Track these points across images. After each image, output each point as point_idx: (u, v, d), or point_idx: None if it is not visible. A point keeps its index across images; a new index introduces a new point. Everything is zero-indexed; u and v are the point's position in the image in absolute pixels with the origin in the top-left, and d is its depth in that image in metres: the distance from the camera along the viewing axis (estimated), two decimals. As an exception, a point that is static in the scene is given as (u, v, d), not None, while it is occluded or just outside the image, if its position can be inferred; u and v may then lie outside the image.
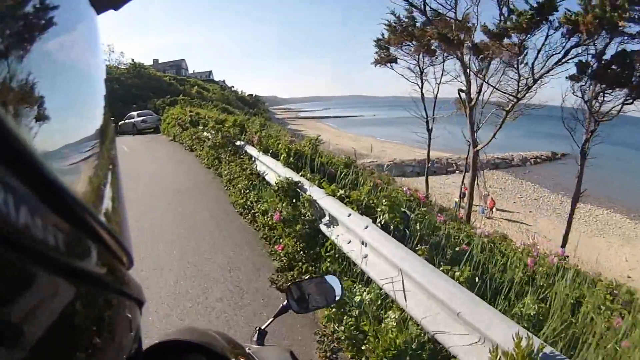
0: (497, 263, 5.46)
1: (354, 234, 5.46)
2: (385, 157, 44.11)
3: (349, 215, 5.74)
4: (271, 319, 1.93)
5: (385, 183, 9.50)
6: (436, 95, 28.84)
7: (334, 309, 4.74)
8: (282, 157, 9.46)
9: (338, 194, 6.70)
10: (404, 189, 8.92)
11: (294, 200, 7.40)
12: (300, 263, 6.31)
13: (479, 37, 21.89)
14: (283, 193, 7.62)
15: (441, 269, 4.33)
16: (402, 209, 5.76)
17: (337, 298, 2.07)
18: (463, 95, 23.94)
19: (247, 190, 9.63)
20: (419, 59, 27.77)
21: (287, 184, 7.61)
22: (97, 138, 0.60)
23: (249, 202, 9.16)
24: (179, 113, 25.50)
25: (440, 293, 3.76)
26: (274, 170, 9.24)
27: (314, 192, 7.02)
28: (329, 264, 5.87)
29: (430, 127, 29.23)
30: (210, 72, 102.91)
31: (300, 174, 8.23)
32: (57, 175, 0.39)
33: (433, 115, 29.07)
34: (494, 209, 30.71)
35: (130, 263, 0.69)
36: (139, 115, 32.24)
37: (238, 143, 12.89)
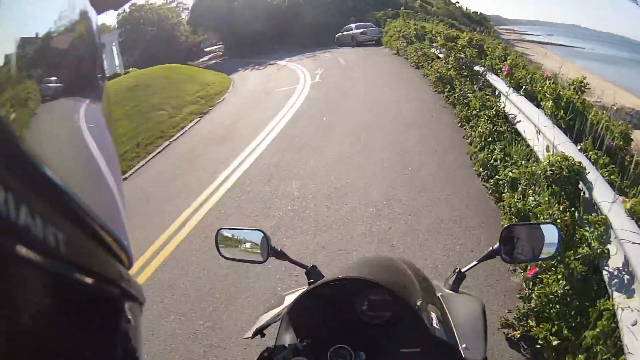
0: None
1: None
2: (607, 101, 39.76)
3: None
4: (474, 263, 1.81)
5: None
6: None
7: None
8: (546, 106, 6.71)
9: None
10: None
11: (573, 203, 4.82)
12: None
13: None
14: (560, 186, 4.96)
15: None
16: None
17: (552, 252, 1.82)
18: None
19: (490, 140, 7.49)
20: None
21: (567, 169, 4.83)
22: (100, 139, 0.61)
23: (492, 161, 6.84)
24: (402, 26, 23.99)
25: None
26: (532, 123, 6.74)
27: (606, 202, 4.17)
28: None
29: None
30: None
31: (579, 146, 5.56)
32: (57, 175, 0.40)
33: None
34: None
35: (130, 263, 0.67)
36: (357, 28, 31.23)
37: (477, 68, 10.44)
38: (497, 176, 6.40)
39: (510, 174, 6.11)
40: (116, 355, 0.57)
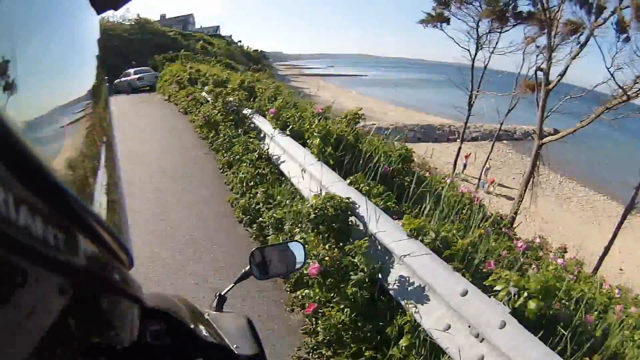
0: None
1: (478, 330, 3.33)
2: (387, 120, 43.48)
3: (465, 293, 3.57)
4: (232, 285, 1.92)
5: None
6: (486, 65, 27.05)
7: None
8: (314, 144, 6.45)
9: (429, 238, 4.28)
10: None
11: (341, 240, 4.85)
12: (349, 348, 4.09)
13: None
14: (326, 225, 4.86)
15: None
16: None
17: (298, 266, 2.06)
18: (540, 74, 20.81)
19: (252, 184, 7.25)
20: (478, 22, 26.08)
21: (332, 208, 4.78)
22: (97, 141, 0.62)
23: (254, 205, 6.69)
24: (177, 69, 23.74)
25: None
26: (297, 162, 6.62)
27: (382, 229, 4.49)
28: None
29: (472, 102, 27.16)
30: (218, 27, 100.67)
31: (348, 180, 5.59)
32: (57, 176, 0.39)
33: (478, 87, 27.14)
34: (494, 184, 29.79)
35: (130, 263, 0.70)
36: (135, 73, 29.78)
37: (245, 111, 10.25)
38: (260, 219, 6.33)
39: (274, 215, 6.04)
40: (116, 353, 0.61)
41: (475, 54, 26.61)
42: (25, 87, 0.37)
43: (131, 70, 30.22)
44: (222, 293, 1.87)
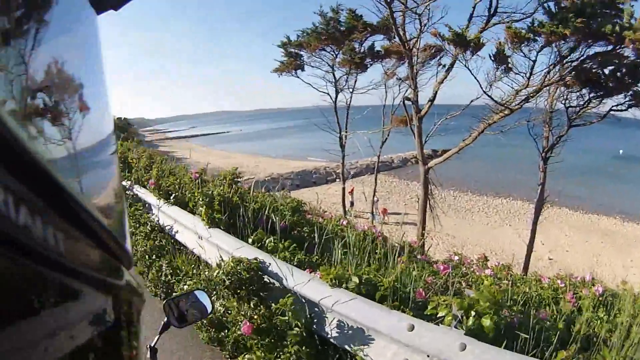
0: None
1: (440, 358, 3.33)
2: (261, 172, 43.05)
3: (411, 328, 3.55)
4: (157, 336, 2.07)
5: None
6: (349, 105, 27.06)
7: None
8: (202, 212, 6.26)
9: (352, 284, 4.20)
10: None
11: (260, 302, 4.76)
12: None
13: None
14: (244, 289, 4.73)
15: None
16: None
17: (209, 311, 2.23)
18: (408, 103, 20.54)
19: (154, 257, 6.99)
20: (333, 66, 25.93)
21: (245, 271, 4.65)
22: (97, 141, 0.63)
23: (163, 278, 6.44)
24: None
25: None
26: (192, 230, 6.44)
27: (300, 283, 4.44)
28: None
29: (343, 142, 27.12)
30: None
31: (250, 239, 5.53)
32: (57, 176, 0.40)
33: (346, 127, 27.20)
34: (387, 214, 29.88)
35: (130, 263, 0.71)
36: None
37: (124, 183, 9.47)
38: (174, 293, 6.03)
39: (185, 286, 5.82)
40: (117, 352, 0.61)
41: (336, 97, 26.67)
42: (26, 86, 0.38)
43: None
44: (152, 344, 2.01)
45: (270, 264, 4.82)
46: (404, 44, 19.13)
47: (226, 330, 5.04)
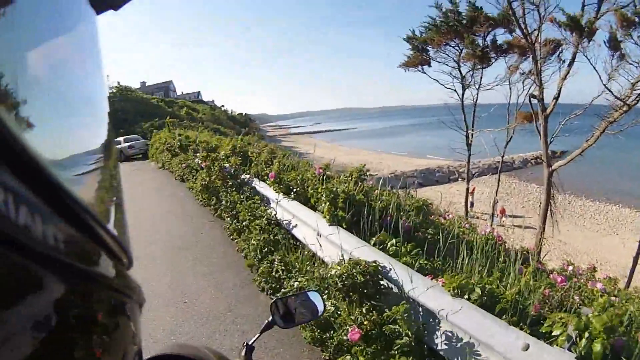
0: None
1: None
2: (385, 169, 42.92)
3: (526, 348, 3.25)
4: (257, 335, 1.96)
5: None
6: (475, 102, 26.48)
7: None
8: (324, 208, 6.05)
9: (475, 295, 3.89)
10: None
11: (371, 303, 4.47)
12: None
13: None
14: (357, 293, 4.48)
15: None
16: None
17: (319, 313, 2.13)
18: (534, 101, 20.05)
19: (267, 250, 6.82)
20: (459, 62, 25.64)
21: (360, 275, 4.38)
22: (95, 141, 0.62)
23: (274, 273, 6.25)
24: (167, 137, 23.17)
25: None
26: (310, 227, 6.24)
27: (420, 291, 4.14)
28: None
29: (470, 141, 26.54)
30: (199, 92, 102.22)
31: (372, 241, 5.22)
32: (57, 176, 0.40)
33: (472, 125, 26.55)
34: (505, 216, 28.57)
35: (130, 263, 0.69)
36: (125, 141, 29.51)
37: (243, 176, 9.90)
38: (283, 289, 5.90)
39: (296, 283, 5.67)
40: (116, 355, 0.59)
41: (463, 93, 26.29)
42: (25, 86, 0.37)
43: (121, 139, 29.87)
44: (250, 343, 1.91)
45: (390, 268, 4.54)
46: (526, 36, 18.95)
47: (331, 331, 4.83)
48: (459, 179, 40.03)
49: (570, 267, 6.74)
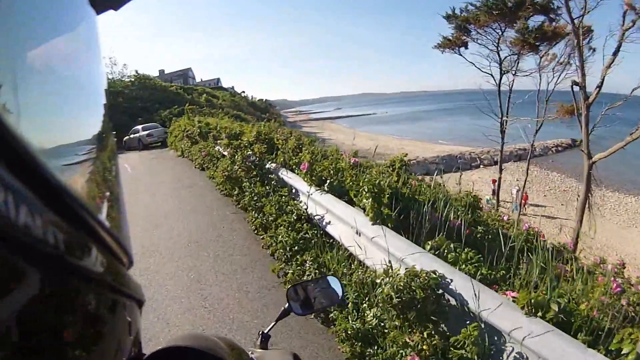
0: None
1: None
2: (407, 155, 42.08)
3: None
4: (273, 323, 1.89)
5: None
6: (511, 89, 25.46)
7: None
8: (367, 205, 5.32)
9: (551, 313, 3.40)
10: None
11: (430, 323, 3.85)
12: None
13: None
14: (415, 311, 3.84)
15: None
16: None
17: (339, 299, 2.04)
18: (576, 88, 18.90)
19: (297, 249, 6.14)
20: (499, 45, 24.74)
21: (420, 289, 3.71)
22: (95, 141, 0.62)
23: (305, 277, 5.54)
24: (186, 124, 22.90)
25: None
26: (348, 224, 5.63)
27: (487, 307, 3.59)
28: None
29: (504, 128, 25.46)
30: (218, 79, 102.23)
31: (429, 246, 4.61)
32: (57, 175, 0.40)
33: (507, 112, 25.39)
34: (527, 205, 28.15)
35: (130, 263, 0.71)
36: (144, 129, 29.48)
37: (268, 166, 9.28)
38: None
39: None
40: (116, 354, 0.60)
41: (500, 78, 25.34)
42: (25, 86, 0.38)
43: (139, 127, 29.93)
44: (266, 331, 1.82)
45: (451, 279, 3.92)
46: (573, 23, 18.23)
47: (375, 347, 4.17)
48: (481, 166, 40.22)
49: (610, 266, 5.95)
